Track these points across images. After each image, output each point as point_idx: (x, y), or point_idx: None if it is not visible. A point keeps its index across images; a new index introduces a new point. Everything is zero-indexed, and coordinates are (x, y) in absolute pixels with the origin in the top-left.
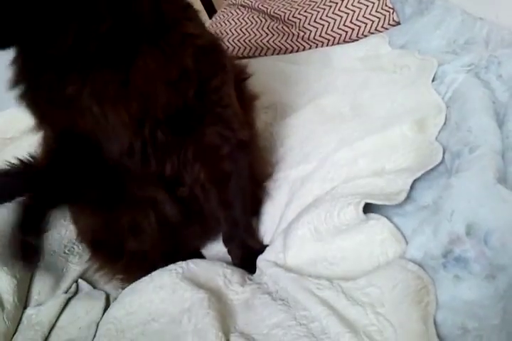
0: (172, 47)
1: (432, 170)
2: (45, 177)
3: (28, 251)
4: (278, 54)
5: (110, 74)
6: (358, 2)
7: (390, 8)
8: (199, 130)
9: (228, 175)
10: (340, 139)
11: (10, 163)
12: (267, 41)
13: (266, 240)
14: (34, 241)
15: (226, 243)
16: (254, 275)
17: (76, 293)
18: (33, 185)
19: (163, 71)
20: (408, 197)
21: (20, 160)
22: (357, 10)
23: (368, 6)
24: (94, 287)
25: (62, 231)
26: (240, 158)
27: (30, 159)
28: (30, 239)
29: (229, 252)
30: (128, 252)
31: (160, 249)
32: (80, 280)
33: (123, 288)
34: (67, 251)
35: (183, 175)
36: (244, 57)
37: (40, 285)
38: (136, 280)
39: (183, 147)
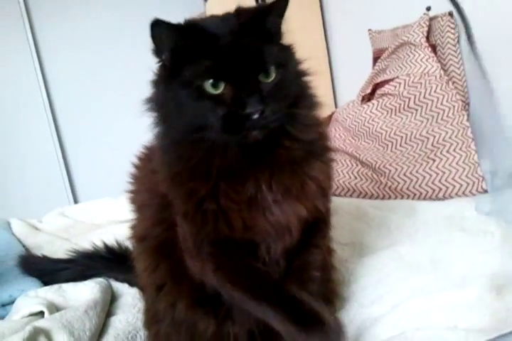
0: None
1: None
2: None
3: None
4: (363, 197)
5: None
6: (450, 165)
7: (480, 175)
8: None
9: None
10: (416, 288)
11: (95, 245)
12: (355, 184)
13: None
14: None
15: None
16: None
17: None
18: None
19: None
20: None
21: (105, 244)
22: (447, 171)
23: (458, 170)
24: None
25: (130, 318)
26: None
27: (116, 244)
28: None
29: None
30: None
31: None
32: None
33: None
34: (129, 338)
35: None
36: None
37: None
38: None
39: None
